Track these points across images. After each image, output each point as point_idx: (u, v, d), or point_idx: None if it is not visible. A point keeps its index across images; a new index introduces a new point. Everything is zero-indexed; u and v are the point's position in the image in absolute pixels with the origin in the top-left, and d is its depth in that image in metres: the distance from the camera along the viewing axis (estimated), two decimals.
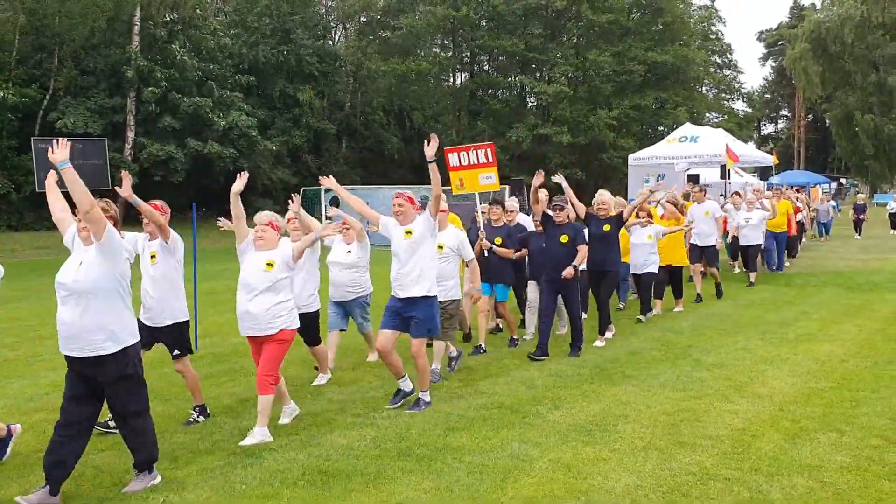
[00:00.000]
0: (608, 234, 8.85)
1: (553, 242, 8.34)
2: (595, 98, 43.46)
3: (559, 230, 8.32)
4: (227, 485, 4.76)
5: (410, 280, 6.39)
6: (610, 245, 8.88)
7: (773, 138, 73.07)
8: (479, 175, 9.42)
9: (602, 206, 9.05)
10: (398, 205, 6.61)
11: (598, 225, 8.93)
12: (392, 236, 6.57)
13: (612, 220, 8.97)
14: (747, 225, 14.15)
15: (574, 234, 8.30)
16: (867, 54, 46.85)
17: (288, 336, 5.75)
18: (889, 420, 5.87)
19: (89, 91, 31.49)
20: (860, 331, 9.57)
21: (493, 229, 9.05)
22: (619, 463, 5.02)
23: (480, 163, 9.41)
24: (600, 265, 8.88)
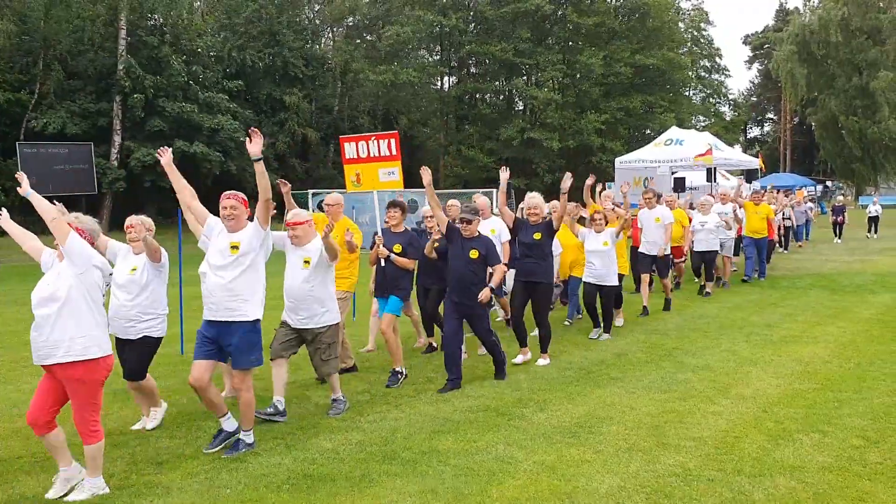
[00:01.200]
0: (539, 243, 7.94)
1: (459, 260, 7.24)
2: (582, 102, 43.61)
3: (467, 244, 7.26)
4: (211, 489, 4.75)
5: (228, 300, 5.35)
6: (541, 255, 7.97)
7: (759, 141, 73.50)
8: (379, 170, 8.13)
9: (532, 211, 8.07)
10: (229, 207, 5.48)
11: (528, 232, 8.03)
12: (210, 244, 5.55)
13: (542, 226, 8.00)
14: (702, 229, 13.25)
15: (486, 249, 7.26)
16: (851, 58, 47.25)
17: None
18: (871, 420, 5.93)
19: (75, 95, 31.37)
20: (843, 332, 9.65)
21: (393, 235, 7.85)
22: (603, 464, 5.05)
23: (382, 155, 8.11)
24: (529, 276, 7.99)
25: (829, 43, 46.75)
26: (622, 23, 46.34)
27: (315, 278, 6.23)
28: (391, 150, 8.06)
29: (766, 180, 40.80)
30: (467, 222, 7.29)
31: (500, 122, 44.11)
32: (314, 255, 6.21)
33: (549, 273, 8.08)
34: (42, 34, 30.29)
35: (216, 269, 5.39)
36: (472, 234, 7.30)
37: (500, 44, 42.72)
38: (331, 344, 6.34)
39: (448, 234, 7.36)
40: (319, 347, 6.32)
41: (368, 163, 8.27)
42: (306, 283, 6.20)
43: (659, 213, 11.70)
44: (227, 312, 5.35)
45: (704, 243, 13.27)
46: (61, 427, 4.79)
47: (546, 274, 8.02)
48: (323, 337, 6.31)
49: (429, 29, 43.18)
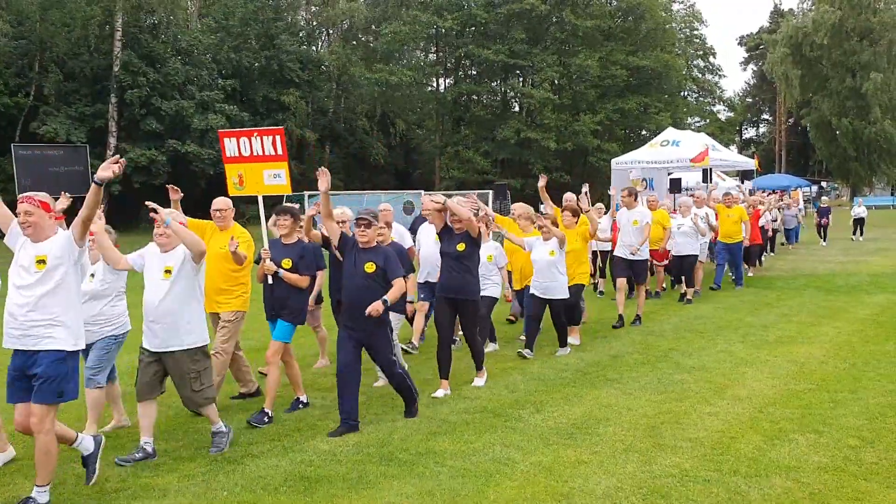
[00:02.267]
0: (463, 255, 6.96)
1: (353, 276, 6.06)
2: (578, 104, 43.68)
3: (362, 256, 6.09)
4: (208, 491, 4.75)
5: (34, 325, 4.56)
6: (465, 268, 6.99)
7: (754, 142, 73.60)
8: (264, 171, 6.99)
9: (456, 219, 7.01)
10: (25, 213, 4.63)
11: (451, 242, 7.04)
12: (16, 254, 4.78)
13: (466, 236, 6.99)
14: (679, 231, 12.57)
15: (384, 261, 6.08)
16: (844, 60, 47.41)
17: None
18: (866, 420, 5.95)
19: (70, 97, 31.34)
20: (839, 333, 9.67)
21: (283, 248, 6.63)
22: (599, 465, 5.06)
23: (267, 154, 6.98)
24: (453, 292, 7.01)
25: (821, 45, 46.91)
26: (618, 25, 46.44)
27: (178, 291, 5.32)
28: (276, 149, 6.93)
29: (762, 181, 40.91)
30: (365, 225, 6.03)
31: (495, 124, 44.16)
32: (177, 263, 5.33)
33: (475, 290, 7.14)
34: (38, 36, 30.25)
35: (19, 289, 4.60)
36: (370, 242, 6.09)
37: (495, 45, 42.77)
38: (201, 372, 5.43)
39: (340, 245, 6.27)
40: (187, 376, 5.38)
41: (252, 162, 7.02)
42: (168, 297, 5.29)
43: (637, 214, 10.87)
44: (33, 341, 4.56)
45: (683, 246, 12.66)
46: None
47: (472, 291, 7.06)
48: (188, 363, 5.37)
49: (424, 30, 43.21)
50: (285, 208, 6.84)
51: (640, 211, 10.96)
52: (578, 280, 9.22)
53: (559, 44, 44.78)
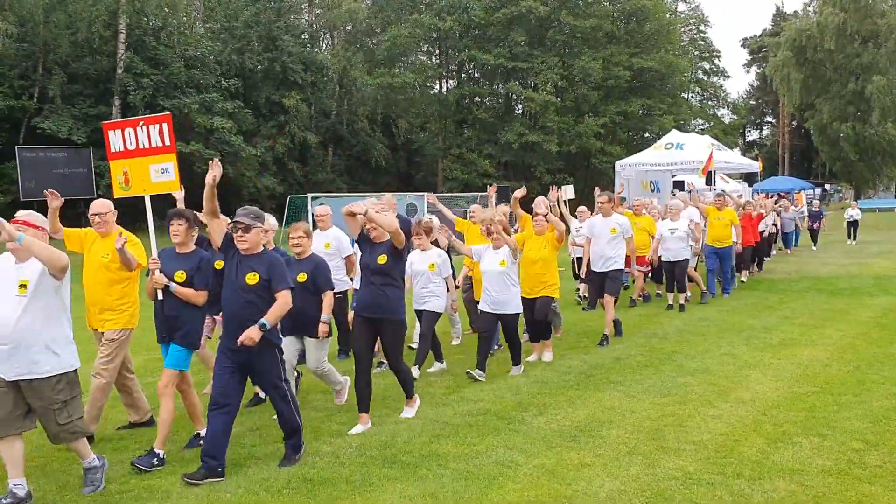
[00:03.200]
0: (384, 269, 6.05)
1: (231, 288, 5.18)
2: (581, 106, 43.67)
3: (245, 265, 5.18)
4: (211, 494, 4.76)
5: None
6: (387, 283, 6.08)
7: (757, 145, 73.58)
8: (150, 166, 6.03)
9: (372, 227, 6.09)
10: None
11: (371, 254, 6.14)
12: None
13: (387, 247, 6.09)
14: (672, 237, 11.96)
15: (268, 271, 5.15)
16: (847, 63, 47.40)
17: None
18: (870, 423, 5.94)
19: (74, 99, 31.40)
20: (842, 335, 9.66)
21: (177, 258, 5.71)
22: (603, 468, 5.06)
23: (153, 146, 6.01)
24: (372, 311, 6.10)
25: (825, 48, 46.89)
26: (620, 26, 46.44)
27: (36, 309, 4.61)
28: (164, 140, 5.96)
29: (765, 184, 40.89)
30: (242, 229, 5.12)
31: (498, 126, 44.17)
32: (33, 276, 4.63)
33: (397, 309, 6.16)
34: (42, 39, 30.32)
35: None
36: (252, 249, 5.17)
37: (496, 48, 42.78)
38: (67, 402, 4.72)
39: (224, 248, 5.39)
40: (50, 408, 4.66)
41: (137, 157, 6.06)
42: (25, 316, 4.57)
43: (615, 221, 9.77)
44: None
45: (674, 252, 11.97)
46: None
47: (393, 310, 6.12)
48: (50, 393, 4.65)
49: (426, 33, 43.24)
50: (178, 212, 5.79)
51: (618, 219, 9.89)
52: (547, 292, 8.33)
53: (560, 46, 44.79)
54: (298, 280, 6.19)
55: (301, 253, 6.43)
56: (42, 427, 4.77)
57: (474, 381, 7.54)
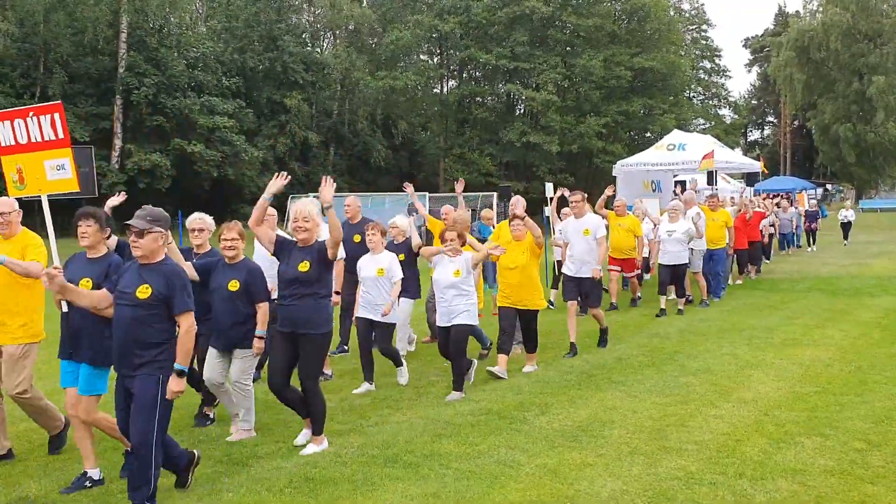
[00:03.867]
0: (306, 277, 5.39)
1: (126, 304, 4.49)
2: (582, 106, 43.65)
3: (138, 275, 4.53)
4: (213, 493, 4.76)
5: None
6: (309, 293, 5.40)
7: (759, 144, 73.53)
8: (45, 162, 5.45)
9: (301, 227, 5.48)
10: None
11: (293, 259, 5.46)
12: None
13: (312, 252, 5.45)
14: (670, 239, 11.56)
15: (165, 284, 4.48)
16: (851, 63, 47.35)
17: None
18: (872, 424, 5.93)
19: (76, 98, 31.43)
20: (844, 336, 9.65)
21: (86, 263, 5.06)
22: (605, 468, 5.05)
23: (46, 140, 5.42)
24: (291, 325, 5.44)
25: (829, 48, 46.85)
26: (622, 26, 46.42)
27: None
28: (57, 132, 5.37)
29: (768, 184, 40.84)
30: (136, 234, 4.46)
31: (500, 126, 44.17)
32: None
33: (319, 319, 5.47)
34: (42, 38, 30.34)
35: None
36: (150, 257, 4.52)
37: (497, 48, 42.77)
38: None
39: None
40: None
41: (30, 152, 5.48)
42: None
43: (589, 222, 9.09)
44: None
45: (673, 255, 11.54)
46: None
47: (316, 321, 5.43)
48: None
49: (427, 33, 43.22)
50: (87, 211, 5.07)
51: (590, 220, 9.17)
52: (534, 304, 7.86)
53: (562, 45, 44.78)
54: (229, 288, 5.69)
55: (234, 257, 5.79)
56: None
57: (474, 383, 7.53)
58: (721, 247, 13.11)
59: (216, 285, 5.76)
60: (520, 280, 7.74)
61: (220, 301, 5.73)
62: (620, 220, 11.95)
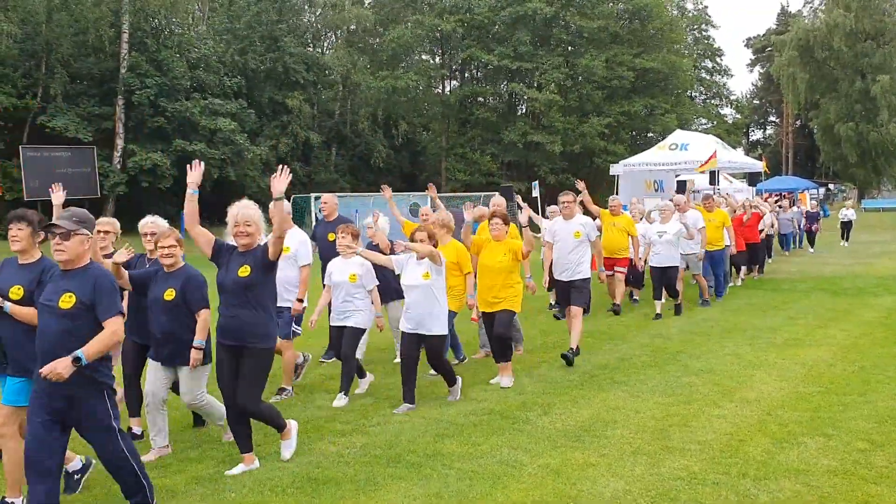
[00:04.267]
0: (247, 283, 5.04)
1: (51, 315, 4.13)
2: (585, 106, 43.65)
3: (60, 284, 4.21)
4: (216, 493, 4.76)
5: None
6: (250, 302, 5.05)
7: (761, 144, 73.47)
8: None
9: (243, 231, 5.12)
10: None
11: (233, 265, 5.10)
12: None
13: (254, 256, 5.09)
14: (661, 240, 11.23)
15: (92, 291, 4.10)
16: (854, 62, 47.32)
17: None
18: (876, 424, 5.92)
19: (79, 98, 31.47)
20: (847, 335, 9.63)
21: (17, 269, 4.74)
22: (608, 468, 5.05)
23: None
24: (232, 337, 5.08)
25: (832, 47, 46.81)
26: (624, 26, 46.41)
27: None
28: None
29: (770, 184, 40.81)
30: (61, 235, 4.12)
31: (501, 126, 44.16)
32: None
33: (261, 330, 5.06)
34: (45, 38, 30.38)
35: None
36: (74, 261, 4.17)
37: (499, 46, 42.76)
38: None
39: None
40: None
41: None
42: None
43: (579, 224, 8.59)
44: None
45: (664, 257, 11.25)
46: None
47: (258, 332, 5.05)
48: None
49: (428, 33, 43.22)
50: (19, 214, 4.74)
51: (581, 220, 8.69)
52: (507, 305, 7.36)
53: (565, 45, 44.78)
54: (165, 298, 5.34)
55: (172, 265, 5.44)
56: None
57: (476, 382, 7.53)
58: (720, 248, 12.91)
59: (153, 296, 5.43)
60: (498, 282, 7.35)
61: (158, 312, 5.39)
62: (615, 220, 11.62)
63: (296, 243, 7.03)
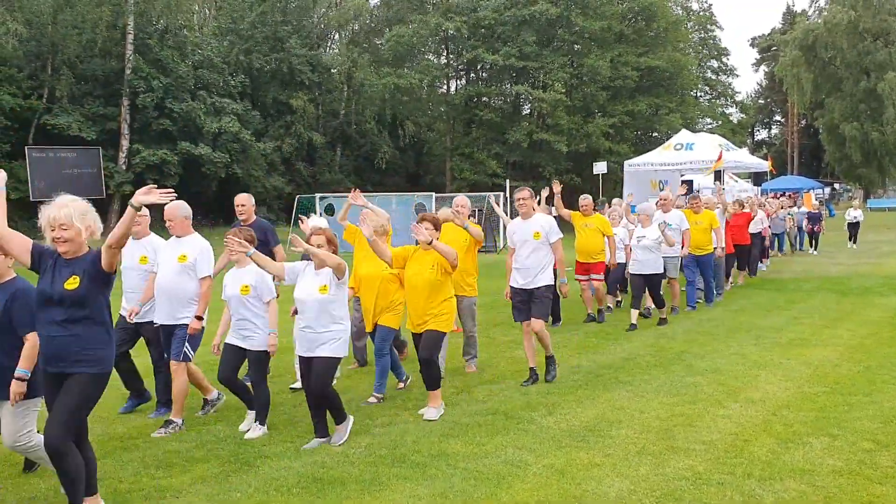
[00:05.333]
0: (74, 298, 4.23)
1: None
2: (589, 106, 43.61)
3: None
4: (221, 493, 4.77)
5: None
6: (76, 322, 4.24)
7: (766, 144, 73.35)
8: None
9: (59, 237, 4.27)
10: None
11: (59, 275, 4.26)
12: None
13: (84, 264, 4.30)
14: (638, 245, 10.41)
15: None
16: (858, 61, 47.19)
17: None
18: (881, 424, 5.91)
19: (84, 99, 31.54)
20: (852, 335, 9.61)
21: None
22: (612, 468, 5.04)
23: None
24: (55, 363, 4.27)
25: (836, 46, 46.71)
26: (629, 25, 46.34)
27: None
28: None
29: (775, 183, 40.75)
30: None
31: (507, 126, 44.14)
32: None
33: (88, 354, 4.22)
34: (50, 39, 30.46)
35: None
36: None
37: (505, 46, 42.75)
38: None
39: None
40: None
41: None
42: None
43: (538, 224, 7.49)
44: None
45: (644, 264, 10.36)
46: None
47: (84, 356, 4.22)
48: None
49: (433, 33, 43.20)
50: None
51: (541, 220, 7.56)
52: (435, 325, 6.38)
53: (570, 45, 44.72)
54: None
55: None
56: None
57: (481, 383, 7.53)
58: (708, 252, 12.05)
59: None
60: (426, 298, 6.36)
61: None
62: (587, 220, 10.81)
63: (195, 251, 6.15)
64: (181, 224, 6.24)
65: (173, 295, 6.08)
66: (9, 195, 4.66)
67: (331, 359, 5.62)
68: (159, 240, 6.57)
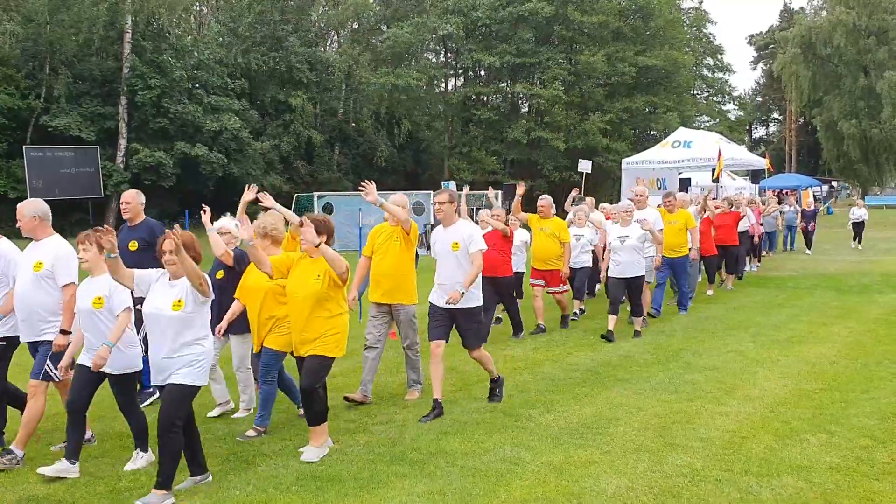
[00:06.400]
0: None
1: None
2: (587, 103, 43.64)
3: None
4: (220, 490, 4.78)
5: None
6: None
7: (764, 141, 73.37)
8: None
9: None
10: None
11: None
12: None
13: None
14: (622, 246, 9.48)
15: None
16: (857, 59, 47.22)
17: None
18: (878, 420, 5.93)
19: (81, 99, 31.50)
20: (850, 333, 9.64)
21: None
22: (610, 465, 5.06)
23: None
24: None
25: (834, 44, 46.73)
26: (626, 23, 46.37)
27: None
28: None
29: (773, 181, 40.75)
30: None
31: (505, 124, 44.16)
32: None
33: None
34: (47, 38, 30.42)
35: None
36: None
37: (502, 44, 42.76)
38: None
39: None
40: None
41: None
42: None
43: (458, 234, 6.46)
44: None
45: (627, 266, 9.46)
46: None
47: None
48: None
49: (430, 33, 43.19)
50: None
51: (462, 229, 6.49)
52: (318, 348, 5.43)
53: (566, 42, 44.76)
54: None
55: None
56: None
57: (479, 381, 7.54)
58: (682, 254, 11.11)
59: None
60: (302, 315, 5.39)
61: None
62: (543, 224, 9.99)
63: (51, 257, 5.42)
64: (29, 224, 5.46)
65: (31, 308, 5.39)
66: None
67: (181, 386, 4.62)
68: (9, 244, 5.76)
